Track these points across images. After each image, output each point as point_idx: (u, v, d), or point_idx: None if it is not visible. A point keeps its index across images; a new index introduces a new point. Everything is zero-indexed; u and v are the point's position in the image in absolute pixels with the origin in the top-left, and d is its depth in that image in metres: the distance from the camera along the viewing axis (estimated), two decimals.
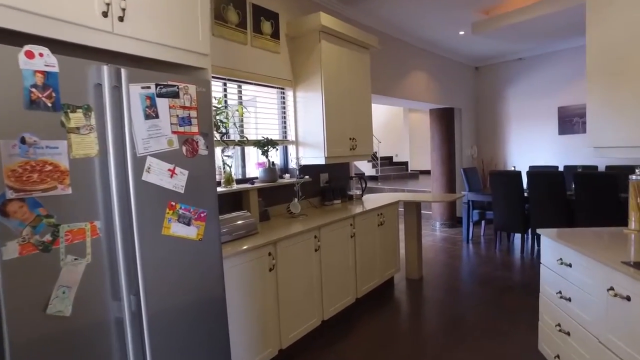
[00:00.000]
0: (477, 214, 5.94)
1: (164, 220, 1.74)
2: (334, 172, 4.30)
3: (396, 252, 4.18)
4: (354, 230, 3.44)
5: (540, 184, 4.89)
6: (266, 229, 2.90)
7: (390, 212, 4.03)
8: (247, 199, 3.14)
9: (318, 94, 3.60)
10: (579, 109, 6.36)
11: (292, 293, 2.77)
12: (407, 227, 4.43)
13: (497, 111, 7.37)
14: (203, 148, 1.92)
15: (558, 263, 2.20)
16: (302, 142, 3.77)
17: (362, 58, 4.12)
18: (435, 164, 7.07)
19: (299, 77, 3.74)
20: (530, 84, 6.93)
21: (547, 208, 4.89)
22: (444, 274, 4.56)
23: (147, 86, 1.66)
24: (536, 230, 2.48)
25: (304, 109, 3.73)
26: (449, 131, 6.96)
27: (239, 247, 2.37)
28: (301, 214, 3.47)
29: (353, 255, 3.46)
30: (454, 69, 6.94)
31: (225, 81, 3.22)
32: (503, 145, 7.32)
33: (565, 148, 6.56)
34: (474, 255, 5.31)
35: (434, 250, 5.64)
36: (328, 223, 3.11)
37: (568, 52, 6.45)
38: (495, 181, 5.32)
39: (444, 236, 6.47)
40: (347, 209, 3.73)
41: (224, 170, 2.99)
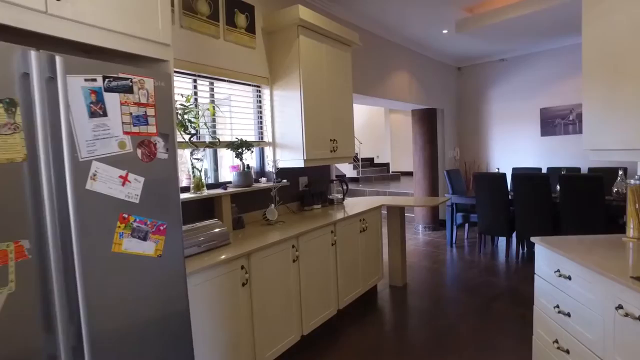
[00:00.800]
0: (461, 217, 5.81)
1: (114, 235, 1.49)
2: (313, 175, 4.08)
3: (379, 259, 3.99)
4: (335, 237, 3.23)
5: (525, 187, 4.77)
6: (240, 239, 2.66)
7: (373, 217, 3.83)
8: (219, 205, 2.89)
9: (296, 93, 3.38)
10: (561, 110, 6.30)
11: (268, 309, 2.54)
12: (391, 232, 4.25)
13: (479, 112, 7.28)
14: (162, 151, 1.68)
15: (555, 275, 2.03)
16: (280, 143, 3.54)
17: (343, 55, 3.91)
18: (418, 166, 6.92)
19: (276, 74, 3.51)
20: (512, 85, 6.85)
21: (532, 211, 4.78)
22: (429, 281, 4.39)
23: (92, 79, 1.41)
24: (530, 239, 2.31)
25: (281, 109, 3.51)
26: (431, 132, 6.83)
27: (208, 261, 2.12)
28: (278, 220, 3.24)
29: (334, 264, 3.24)
30: (436, 69, 6.81)
31: (195, 77, 2.97)
32: (485, 146, 7.23)
33: (547, 149, 6.50)
34: (458, 259, 5.16)
35: (417, 254, 5.47)
36: (307, 231, 2.89)
37: (550, 54, 6.39)
38: (480, 183, 5.19)
39: (427, 240, 6.32)
40: (327, 214, 3.51)
41: (194, 174, 2.74)
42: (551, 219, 4.68)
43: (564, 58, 6.25)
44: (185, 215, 2.71)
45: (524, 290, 4.00)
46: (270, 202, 3.31)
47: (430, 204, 3.92)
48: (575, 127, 6.17)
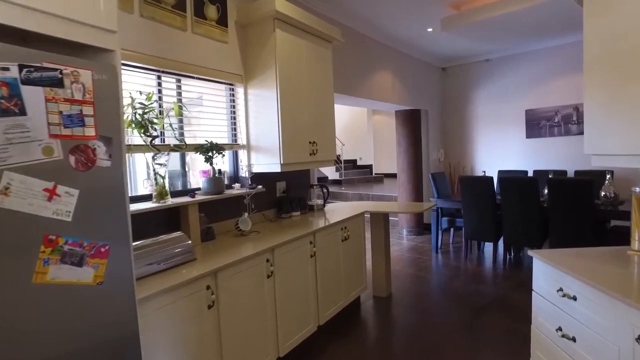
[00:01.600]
0: (447, 222, 5.63)
1: (37, 262, 1.21)
2: (292, 180, 3.82)
3: (362, 269, 3.76)
4: (315, 249, 2.98)
5: (513, 190, 4.60)
6: (208, 253, 2.39)
7: (355, 224, 3.59)
8: (185, 215, 2.61)
9: (272, 92, 3.12)
10: (546, 112, 6.19)
11: (239, 332, 2.27)
12: (374, 240, 4.02)
13: (464, 114, 7.13)
14: (104, 157, 1.40)
15: (558, 294, 1.82)
16: (255, 146, 3.27)
17: (324, 52, 3.67)
18: (402, 169, 6.72)
19: (251, 71, 3.24)
20: (497, 86, 6.72)
21: (519, 215, 4.61)
22: (414, 290, 4.18)
23: (5, 67, 1.13)
24: (528, 252, 2.10)
25: (256, 109, 3.24)
26: (415, 134, 6.64)
27: (167, 282, 1.85)
28: (253, 231, 2.97)
29: (314, 277, 2.99)
30: (420, 69, 6.63)
31: (159, 74, 2.68)
32: (471, 148, 7.08)
33: (533, 152, 6.38)
34: (444, 266, 4.97)
35: (402, 261, 5.26)
36: (284, 242, 2.63)
37: (534, 55, 6.27)
38: (466, 187, 5.01)
39: (411, 245, 6.12)
40: (307, 222, 3.26)
41: (156, 181, 2.45)
42: (539, 224, 4.52)
43: (548, 59, 6.14)
44: (147, 228, 2.43)
45: (513, 299, 3.82)
46: (244, 211, 3.04)
47: (415, 211, 3.71)
48: (561, 129, 6.06)
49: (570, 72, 5.94)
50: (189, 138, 2.96)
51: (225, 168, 3.32)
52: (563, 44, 5.96)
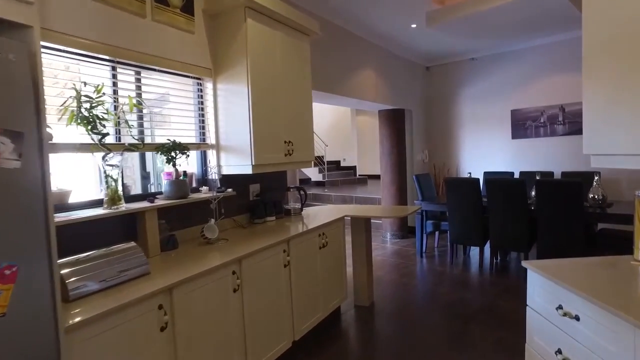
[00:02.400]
0: (431, 225, 5.43)
1: None
2: (267, 183, 3.56)
3: (342, 277, 3.52)
4: (289, 257, 2.72)
5: (500, 193, 4.42)
6: (166, 266, 2.12)
7: (334, 230, 3.35)
8: (142, 222, 2.33)
9: (243, 86, 2.86)
10: (532, 112, 6.05)
11: (200, 355, 2.00)
12: (355, 246, 3.78)
13: (448, 114, 6.96)
14: (12, 156, 1.13)
15: (558, 312, 1.60)
16: (225, 146, 3.01)
17: (301, 46, 3.43)
18: (385, 170, 6.51)
19: (221, 65, 2.98)
20: (482, 85, 6.56)
21: (507, 219, 4.43)
22: (398, 298, 3.95)
23: None
24: (522, 263, 1.88)
25: (226, 105, 2.98)
26: (399, 134, 6.44)
27: (108, 303, 1.57)
28: (220, 238, 2.70)
29: (288, 289, 2.74)
30: (404, 68, 6.43)
31: (113, 65, 2.40)
32: (456, 149, 6.91)
33: (519, 153, 6.23)
34: (429, 272, 4.76)
35: (385, 267, 5.04)
36: (253, 252, 2.37)
37: (520, 53, 6.13)
38: (451, 189, 4.82)
39: (395, 249, 5.91)
40: (282, 228, 3.01)
41: (107, 185, 2.17)
42: (527, 227, 4.34)
43: (534, 59, 6.00)
44: (96, 239, 2.15)
45: (501, 307, 3.62)
46: (211, 217, 2.77)
47: (399, 215, 3.48)
48: (546, 130, 5.92)
49: (556, 72, 5.81)
50: (154, 137, 2.68)
51: (194, 170, 3.05)
52: (549, 43, 5.83)
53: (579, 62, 5.55)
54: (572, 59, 5.65)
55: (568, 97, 5.73)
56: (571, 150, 5.73)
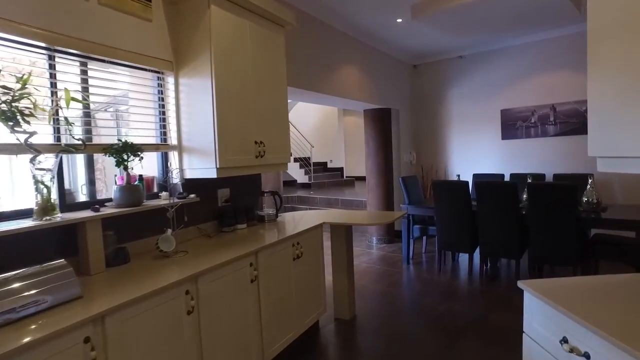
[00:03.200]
0: (419, 230, 5.18)
1: None
2: (238, 187, 3.27)
3: (321, 289, 3.24)
4: (256, 272, 2.44)
5: (490, 196, 4.18)
6: (108, 285, 1.82)
7: (310, 239, 3.07)
8: (83, 235, 2.03)
9: (207, 81, 2.57)
10: (522, 112, 5.83)
11: None
12: (336, 255, 3.51)
13: (436, 114, 6.72)
14: None
15: (562, 347, 1.34)
16: (188, 147, 2.71)
17: (275, 38, 3.14)
18: (371, 172, 6.25)
19: (183, 57, 2.68)
20: (471, 84, 6.34)
21: (497, 224, 4.19)
22: (382, 311, 3.68)
23: None
24: (517, 283, 1.61)
25: (188, 102, 2.68)
26: (385, 135, 6.18)
27: (23, 335, 1.27)
28: (180, 251, 2.41)
29: (256, 307, 2.45)
30: (390, 66, 6.18)
31: (51, 53, 2.09)
32: (444, 150, 6.68)
33: (509, 154, 6.01)
34: (416, 280, 4.50)
35: (370, 274, 4.77)
36: (212, 268, 2.08)
37: (510, 51, 5.92)
38: (439, 193, 4.57)
39: (381, 255, 5.65)
40: (252, 237, 2.72)
41: (37, 191, 1.87)
42: (518, 233, 4.11)
43: (524, 57, 5.79)
44: (23, 256, 1.84)
45: (492, 321, 3.37)
46: (169, 227, 2.46)
47: (383, 222, 3.21)
48: (537, 130, 5.71)
49: (547, 70, 5.60)
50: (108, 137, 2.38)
51: (155, 174, 2.76)
52: (539, 40, 5.62)
53: (571, 60, 5.34)
54: (563, 56, 5.45)
55: (559, 97, 5.53)
56: (563, 152, 5.52)
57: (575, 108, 5.39)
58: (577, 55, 5.33)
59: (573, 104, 5.40)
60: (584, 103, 5.31)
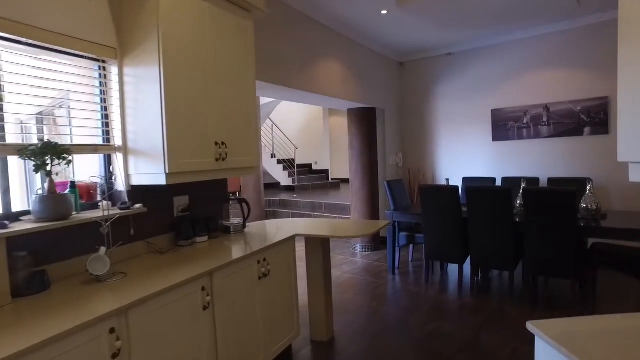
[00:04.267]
0: (405, 238, 4.83)
1: None
2: (198, 194, 2.88)
3: (293, 310, 2.86)
4: (209, 297, 2.05)
5: (482, 202, 3.85)
6: (6, 324, 1.41)
7: (280, 253, 2.69)
8: None
9: (154, 70, 2.18)
10: (514, 112, 5.52)
11: None
12: (312, 270, 3.13)
13: (424, 114, 6.39)
14: None
15: None
16: (134, 149, 2.31)
17: (241, 25, 2.76)
18: (355, 175, 5.89)
19: (128, 43, 2.29)
20: (460, 83, 6.01)
21: (489, 232, 3.86)
22: (364, 330, 3.32)
23: None
24: (527, 324, 1.26)
25: (135, 96, 2.29)
26: (370, 135, 5.83)
27: None
28: (117, 272, 2.01)
29: (210, 338, 2.06)
30: (375, 63, 5.83)
31: None
32: (432, 152, 6.34)
33: (500, 157, 5.70)
34: (402, 293, 4.14)
35: (352, 287, 4.40)
36: (150, 296, 1.69)
37: (502, 48, 5.61)
38: (427, 198, 4.22)
39: (365, 264, 5.29)
40: (211, 253, 2.33)
41: None
42: (512, 242, 3.78)
43: (516, 54, 5.48)
44: None
45: (485, 343, 3.03)
46: (103, 244, 2.07)
47: (364, 233, 2.85)
48: (530, 131, 5.41)
49: (540, 68, 5.31)
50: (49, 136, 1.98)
51: (97, 179, 2.35)
52: (533, 37, 5.32)
53: (566, 57, 5.05)
54: (558, 54, 5.15)
55: (553, 96, 5.23)
56: (557, 154, 5.22)
57: (569, 108, 5.09)
58: (573, 53, 5.04)
59: (567, 103, 5.11)
60: (579, 103, 5.02)
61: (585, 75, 4.98)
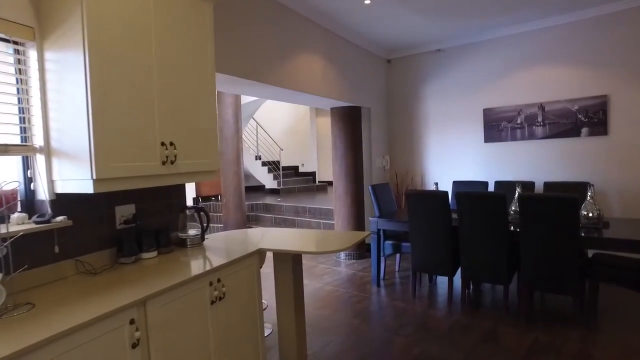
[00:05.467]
0: (391, 247, 4.46)
1: None
2: (146, 203, 2.48)
3: (257, 337, 2.47)
4: (139, 333, 1.66)
5: (474, 209, 3.50)
6: None
7: (240, 272, 2.31)
8: None
9: (78, 54, 1.79)
10: (507, 111, 5.20)
11: None
12: (280, 289, 2.74)
13: (412, 113, 6.04)
14: None
15: None
16: (57, 150, 1.92)
17: (196, 7, 2.38)
18: (339, 178, 5.53)
19: (49, 21, 1.90)
20: (450, 81, 5.68)
21: (482, 242, 3.51)
22: (342, 354, 2.94)
23: None
24: None
25: (57, 85, 1.90)
26: (354, 136, 5.47)
27: None
28: (19, 305, 1.61)
29: None
30: (360, 59, 5.48)
31: None
32: (420, 154, 6.00)
33: (492, 159, 5.37)
34: (387, 310, 3.78)
35: (333, 301, 4.03)
36: (55, 337, 1.30)
37: (494, 44, 5.28)
38: (414, 204, 3.86)
39: (349, 274, 4.91)
40: (154, 273, 1.93)
41: None
42: (507, 253, 3.43)
43: (509, 50, 5.16)
44: None
45: None
46: (10, 267, 1.67)
47: (341, 248, 2.47)
48: (524, 132, 5.08)
49: (535, 65, 4.99)
50: None
51: (15, 185, 1.95)
52: (527, 31, 5.00)
53: (563, 53, 4.74)
54: (553, 49, 4.84)
55: (548, 94, 4.91)
56: (553, 157, 4.90)
57: (566, 107, 4.78)
58: (570, 48, 4.72)
59: (564, 102, 4.79)
60: (576, 102, 4.70)
61: (583, 72, 4.67)
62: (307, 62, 4.35)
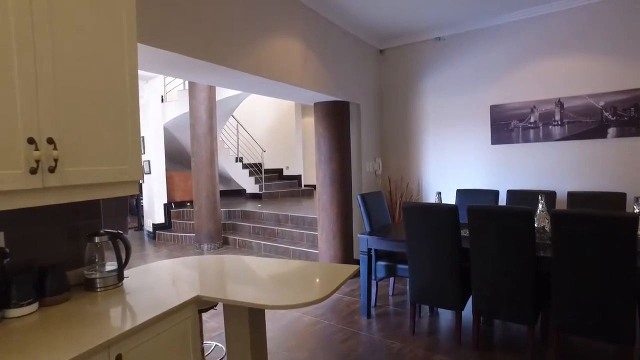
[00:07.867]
0: (384, 269, 3.71)
1: None
2: (25, 227, 1.69)
3: None
4: None
5: (492, 229, 2.76)
6: None
7: (161, 336, 1.53)
8: None
9: None
10: (518, 109, 4.49)
11: None
12: (233, 346, 1.96)
13: (409, 110, 5.30)
14: None
15: None
16: None
17: None
18: (323, 184, 4.77)
19: None
20: (452, 73, 4.96)
21: (500, 271, 2.77)
22: None
23: None
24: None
25: None
26: (341, 136, 4.71)
27: None
28: None
29: None
30: (349, 48, 4.73)
31: None
32: (417, 158, 5.26)
33: (501, 164, 4.65)
34: (380, 351, 3.01)
35: (311, 339, 3.26)
36: None
37: (503, 30, 4.57)
38: (413, 222, 3.11)
39: (334, 299, 4.15)
40: (18, 347, 1.15)
41: None
42: (533, 285, 2.69)
43: (522, 36, 4.46)
44: None
45: None
46: None
47: (315, 298, 1.71)
48: (538, 133, 4.37)
49: (552, 54, 4.28)
50: None
51: None
52: (542, 15, 4.30)
53: (584, 40, 4.04)
54: (573, 35, 4.14)
55: (568, 89, 4.21)
56: (573, 162, 4.20)
57: (589, 104, 4.08)
58: (594, 34, 4.03)
59: (587, 98, 4.09)
60: (602, 97, 4.00)
61: (610, 62, 3.97)
62: (284, 46, 3.59)
